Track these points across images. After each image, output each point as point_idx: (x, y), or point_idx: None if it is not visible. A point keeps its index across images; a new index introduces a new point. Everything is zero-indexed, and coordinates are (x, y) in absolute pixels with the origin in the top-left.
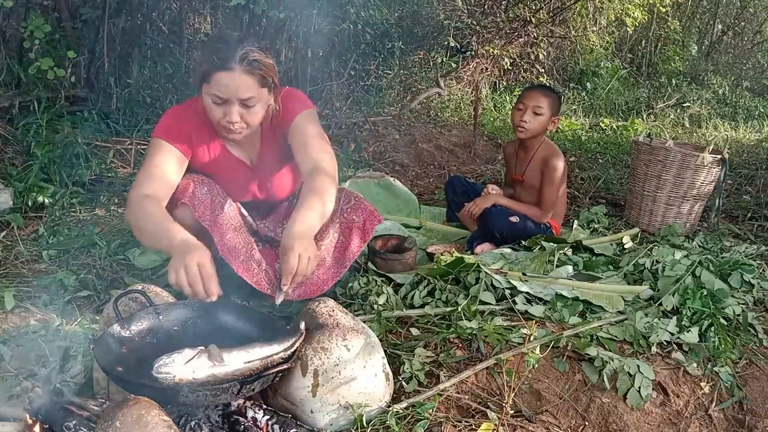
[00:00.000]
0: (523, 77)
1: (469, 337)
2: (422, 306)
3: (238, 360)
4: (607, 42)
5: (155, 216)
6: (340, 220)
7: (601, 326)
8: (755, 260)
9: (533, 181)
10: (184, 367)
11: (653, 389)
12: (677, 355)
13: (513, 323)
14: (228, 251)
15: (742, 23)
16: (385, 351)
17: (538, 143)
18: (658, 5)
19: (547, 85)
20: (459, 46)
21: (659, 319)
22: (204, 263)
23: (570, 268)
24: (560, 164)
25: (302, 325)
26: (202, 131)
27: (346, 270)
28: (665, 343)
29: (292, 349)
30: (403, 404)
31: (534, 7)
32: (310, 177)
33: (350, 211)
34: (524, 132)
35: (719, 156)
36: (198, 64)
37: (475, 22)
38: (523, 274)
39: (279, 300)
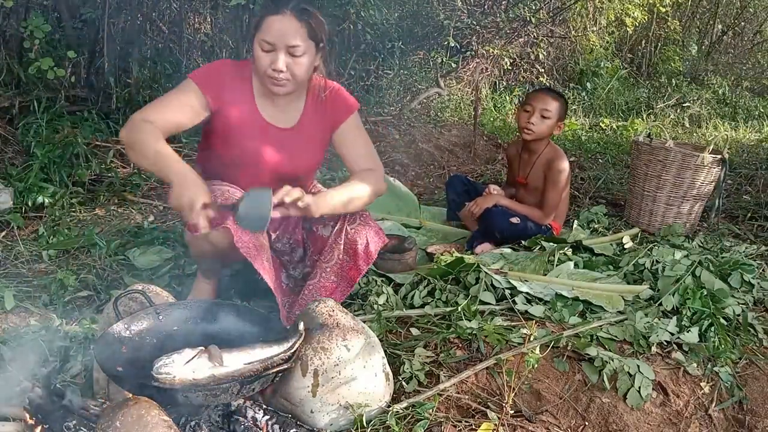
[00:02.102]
0: (523, 77)
1: (469, 337)
2: (422, 306)
3: (238, 361)
4: (607, 42)
5: (157, 142)
6: (344, 240)
7: (601, 326)
8: (755, 260)
9: (537, 183)
10: (184, 367)
11: (653, 389)
12: (677, 355)
13: (513, 323)
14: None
15: (742, 23)
16: (385, 351)
17: (543, 146)
18: (658, 5)
19: (554, 88)
20: (459, 46)
21: (659, 319)
22: (199, 201)
23: (572, 265)
24: (565, 167)
25: (301, 326)
26: (240, 87)
27: (351, 290)
28: (665, 343)
29: (292, 350)
30: (403, 404)
31: (534, 7)
32: (361, 173)
33: (354, 232)
34: (531, 134)
35: (719, 156)
36: (253, 21)
37: (475, 22)
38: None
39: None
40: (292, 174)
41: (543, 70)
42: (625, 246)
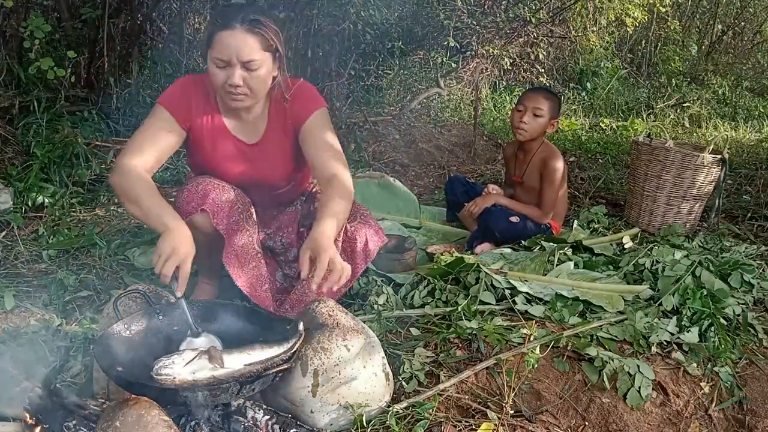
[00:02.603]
0: (523, 77)
1: (469, 337)
2: (422, 306)
3: (239, 361)
4: (607, 42)
5: (147, 190)
6: (343, 238)
7: (601, 326)
8: (755, 260)
9: (533, 182)
10: (184, 368)
11: (653, 389)
12: (677, 355)
13: (513, 323)
14: (235, 258)
15: (742, 23)
16: (385, 351)
17: (537, 145)
18: (658, 5)
19: (548, 87)
20: (459, 46)
21: (659, 319)
22: (185, 263)
23: (572, 265)
24: (559, 165)
25: (301, 326)
26: (205, 103)
27: (347, 289)
28: (665, 343)
29: (292, 350)
30: (403, 404)
31: (534, 7)
32: (329, 187)
33: (353, 230)
34: (523, 134)
35: (719, 156)
36: (204, 34)
37: (475, 22)
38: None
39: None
40: (279, 184)
41: (543, 70)
42: (625, 246)
